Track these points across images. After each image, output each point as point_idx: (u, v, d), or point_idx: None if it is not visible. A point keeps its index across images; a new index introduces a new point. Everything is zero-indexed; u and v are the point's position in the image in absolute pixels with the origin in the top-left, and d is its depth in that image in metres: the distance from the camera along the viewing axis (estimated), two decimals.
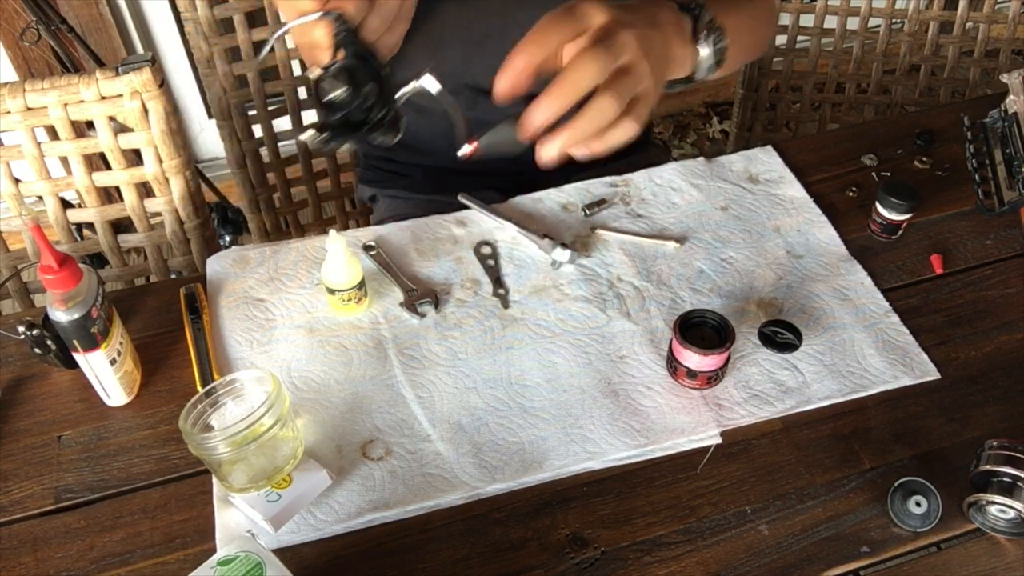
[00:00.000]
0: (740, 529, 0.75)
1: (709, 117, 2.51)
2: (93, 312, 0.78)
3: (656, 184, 1.06)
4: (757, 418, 0.82)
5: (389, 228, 1.02)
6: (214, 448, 0.71)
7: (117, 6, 1.85)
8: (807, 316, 0.91)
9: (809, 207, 1.03)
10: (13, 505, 0.78)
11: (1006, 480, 0.71)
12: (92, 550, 0.74)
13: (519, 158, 0.66)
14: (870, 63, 1.49)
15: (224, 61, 1.21)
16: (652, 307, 0.92)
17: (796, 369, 0.86)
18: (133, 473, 0.80)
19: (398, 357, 0.88)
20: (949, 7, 1.43)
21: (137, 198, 1.13)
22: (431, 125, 1.13)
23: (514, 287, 0.95)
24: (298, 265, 0.97)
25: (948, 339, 0.89)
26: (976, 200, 1.04)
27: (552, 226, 1.01)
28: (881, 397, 0.84)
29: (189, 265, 1.20)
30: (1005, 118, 1.07)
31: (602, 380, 0.86)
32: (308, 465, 0.77)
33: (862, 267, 0.96)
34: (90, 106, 1.03)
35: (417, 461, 0.79)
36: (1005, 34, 1.43)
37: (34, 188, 1.10)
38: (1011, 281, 0.95)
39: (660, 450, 0.80)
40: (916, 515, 0.74)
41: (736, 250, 0.98)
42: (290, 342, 0.90)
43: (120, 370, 0.83)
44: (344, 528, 0.75)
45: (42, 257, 0.74)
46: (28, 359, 0.88)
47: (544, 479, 0.79)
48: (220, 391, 0.78)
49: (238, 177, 1.33)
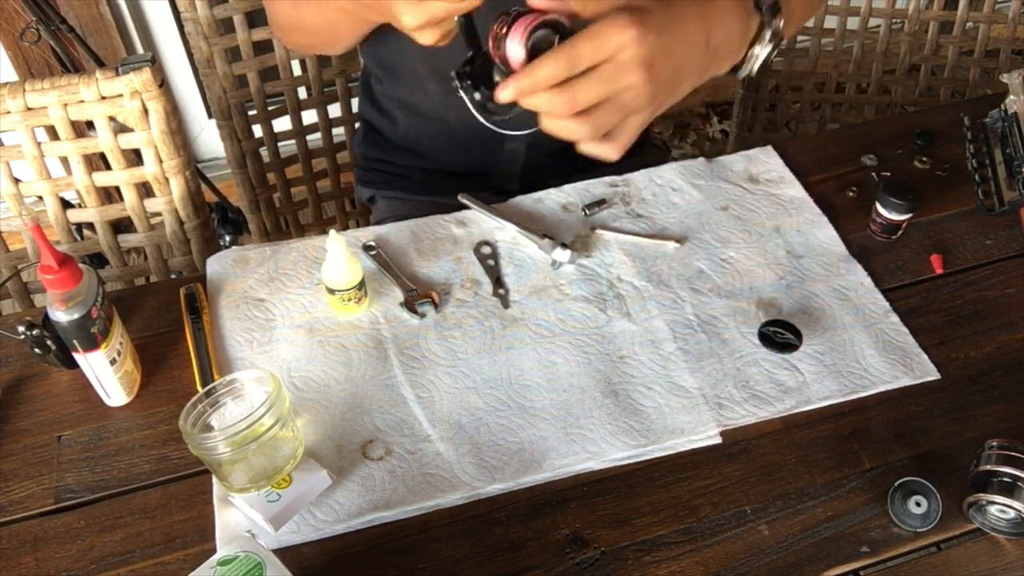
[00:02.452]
0: (740, 529, 0.75)
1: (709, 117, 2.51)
2: (93, 312, 0.78)
3: (656, 184, 1.06)
4: (757, 418, 0.82)
5: (389, 228, 1.02)
6: (214, 448, 0.71)
7: (117, 6, 1.85)
8: (807, 316, 0.91)
9: (809, 207, 1.03)
10: (13, 505, 0.78)
11: (1006, 480, 0.71)
12: (92, 550, 0.74)
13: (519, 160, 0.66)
14: (870, 63, 1.49)
15: (224, 61, 1.21)
16: (652, 307, 0.92)
17: (796, 369, 0.86)
18: (133, 473, 0.80)
19: (398, 357, 0.88)
20: (949, 7, 1.43)
21: (137, 198, 1.13)
22: (429, 127, 1.13)
23: (514, 287, 0.95)
24: (298, 265, 0.97)
25: (948, 339, 0.89)
26: (976, 200, 1.04)
27: (552, 226, 1.01)
28: (881, 397, 0.84)
29: (189, 265, 1.20)
30: (1005, 118, 1.07)
31: (602, 380, 0.86)
32: (308, 465, 0.77)
33: (862, 267, 0.96)
34: (90, 106, 1.03)
35: (417, 461, 0.79)
36: (1005, 34, 1.43)
37: (34, 188, 1.10)
38: (1011, 281, 0.95)
39: (660, 450, 0.80)
40: (916, 515, 0.74)
41: (736, 250, 0.98)
42: (290, 342, 0.90)
43: (120, 370, 0.83)
44: (344, 528, 0.75)
45: (42, 257, 0.74)
46: (28, 359, 0.88)
47: (544, 479, 0.79)
48: (220, 391, 0.78)
49: (238, 177, 1.33)
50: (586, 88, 0.61)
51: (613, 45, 0.60)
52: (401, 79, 1.10)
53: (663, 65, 0.62)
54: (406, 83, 1.10)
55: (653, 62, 0.61)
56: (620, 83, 0.61)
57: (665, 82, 0.64)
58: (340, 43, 1.00)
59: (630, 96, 0.62)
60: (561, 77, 0.60)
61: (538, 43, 0.62)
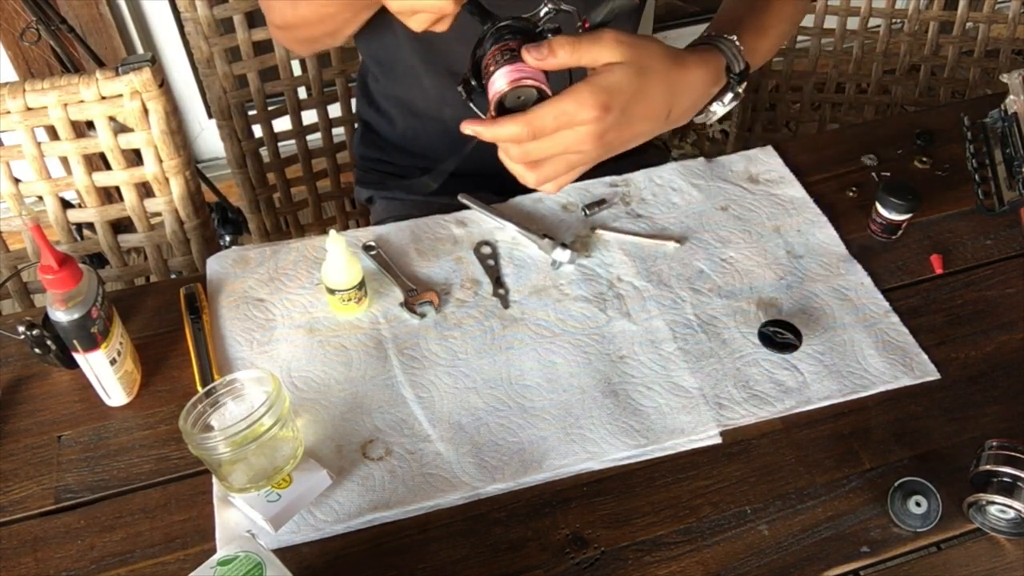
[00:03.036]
0: (740, 529, 0.75)
1: None
2: (93, 312, 0.78)
3: (656, 184, 1.06)
4: (757, 418, 0.82)
5: (389, 228, 1.02)
6: (214, 448, 0.71)
7: (117, 6, 1.85)
8: (807, 316, 0.91)
9: (809, 207, 1.03)
10: (13, 505, 0.78)
11: (1006, 480, 0.71)
12: (92, 550, 0.74)
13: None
14: (870, 63, 1.49)
15: (224, 61, 1.21)
16: (652, 307, 0.92)
17: (796, 369, 0.86)
18: (133, 473, 0.80)
19: (398, 357, 0.88)
20: (949, 7, 1.43)
21: (137, 198, 1.13)
22: (427, 125, 1.13)
23: (514, 287, 0.95)
24: (298, 265, 0.97)
25: (948, 339, 0.89)
26: (976, 200, 1.04)
27: (552, 226, 1.01)
28: (881, 397, 0.84)
29: (189, 265, 1.20)
30: (1005, 118, 1.07)
31: (602, 380, 0.86)
32: (308, 465, 0.77)
33: (862, 267, 0.96)
34: (90, 106, 1.03)
35: (417, 461, 0.79)
36: (1005, 34, 1.43)
37: (34, 188, 1.10)
38: (1011, 281, 0.95)
39: (660, 450, 0.80)
40: (916, 515, 0.74)
41: (736, 250, 0.98)
42: (290, 342, 0.90)
43: (120, 370, 0.83)
44: (344, 528, 0.75)
45: (42, 257, 0.74)
46: (28, 359, 0.88)
47: (544, 479, 0.79)
48: (220, 391, 0.78)
49: (238, 177, 1.33)
50: (540, 149, 0.65)
51: (575, 120, 0.64)
52: (397, 75, 1.10)
53: (616, 136, 0.67)
54: (402, 79, 1.09)
55: (606, 134, 0.66)
56: (572, 148, 0.66)
57: (615, 147, 0.68)
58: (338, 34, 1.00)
59: (578, 158, 0.67)
60: (521, 140, 0.65)
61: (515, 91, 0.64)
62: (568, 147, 0.66)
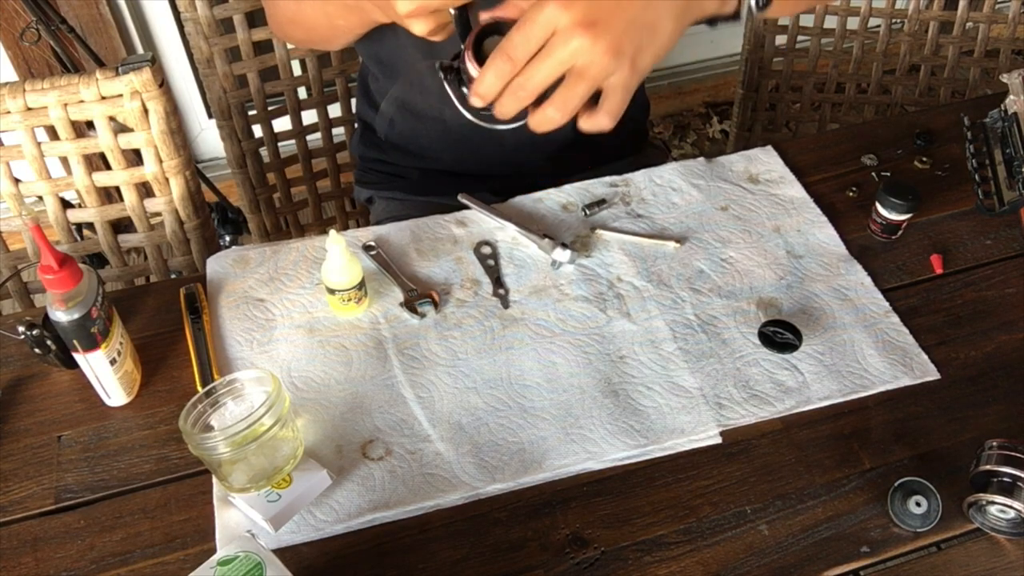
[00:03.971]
0: (740, 529, 0.75)
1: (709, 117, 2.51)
2: (93, 312, 0.78)
3: (656, 184, 1.06)
4: (757, 418, 0.82)
5: (389, 228, 1.02)
6: (214, 448, 0.71)
7: (117, 6, 1.85)
8: (807, 316, 0.91)
9: (809, 207, 1.03)
10: (13, 505, 0.78)
11: (1006, 480, 0.71)
12: (92, 550, 0.74)
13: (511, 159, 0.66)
14: (870, 63, 1.49)
15: (224, 61, 1.21)
16: (652, 307, 0.92)
17: (796, 369, 0.86)
18: (133, 473, 0.80)
19: (398, 357, 0.88)
20: (949, 7, 1.43)
21: (137, 198, 1.13)
22: (427, 126, 1.13)
23: (514, 287, 0.95)
24: (298, 265, 0.97)
25: (948, 339, 0.89)
26: (976, 200, 1.04)
27: (552, 226, 1.01)
28: (881, 397, 0.84)
29: (189, 265, 1.20)
30: (1005, 118, 1.07)
31: (602, 380, 0.86)
32: (308, 465, 0.77)
33: (862, 267, 0.96)
34: (90, 106, 1.03)
35: (417, 461, 0.79)
36: (1005, 34, 1.43)
37: (34, 188, 1.10)
38: (1011, 281, 0.95)
39: (660, 450, 0.80)
40: (916, 515, 0.74)
41: (736, 250, 0.98)
42: (290, 342, 0.90)
43: (120, 370, 0.83)
44: (344, 528, 0.75)
45: (42, 257, 0.74)
46: (28, 359, 0.88)
47: (544, 479, 0.79)
48: (220, 391, 0.78)
49: (238, 177, 1.33)
50: (533, 71, 0.59)
51: (543, 23, 0.58)
52: (398, 76, 1.10)
53: (612, 16, 0.59)
54: (403, 80, 1.10)
55: (595, 20, 0.58)
56: (564, 53, 0.59)
57: (623, 31, 0.60)
58: (339, 39, 1.00)
59: (583, 61, 0.59)
60: (508, 73, 0.60)
61: (488, 49, 0.62)
62: (560, 56, 0.59)
